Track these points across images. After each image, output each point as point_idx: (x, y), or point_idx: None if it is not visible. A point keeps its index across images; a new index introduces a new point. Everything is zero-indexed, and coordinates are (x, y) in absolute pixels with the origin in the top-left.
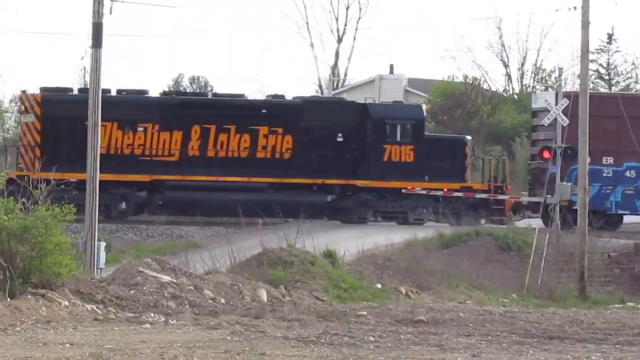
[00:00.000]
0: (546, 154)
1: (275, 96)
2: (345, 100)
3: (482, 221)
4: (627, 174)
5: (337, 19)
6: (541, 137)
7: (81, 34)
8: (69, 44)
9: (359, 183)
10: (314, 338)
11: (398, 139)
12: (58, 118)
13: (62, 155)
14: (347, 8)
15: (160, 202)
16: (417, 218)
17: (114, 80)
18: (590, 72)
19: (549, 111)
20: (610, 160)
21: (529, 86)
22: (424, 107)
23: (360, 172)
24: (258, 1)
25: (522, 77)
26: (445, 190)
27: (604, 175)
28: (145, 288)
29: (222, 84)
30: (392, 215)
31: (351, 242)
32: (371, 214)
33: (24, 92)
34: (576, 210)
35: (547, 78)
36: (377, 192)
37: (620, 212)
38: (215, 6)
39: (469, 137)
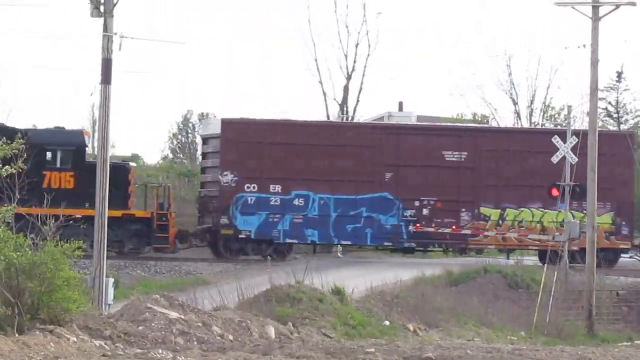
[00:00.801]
0: (555, 192)
1: None
2: None
3: (146, 249)
4: (296, 202)
5: (346, 56)
6: (209, 165)
7: (91, 70)
8: (79, 80)
9: (23, 210)
10: None
11: (58, 165)
12: None
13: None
14: (357, 45)
15: None
16: None
17: (123, 116)
18: (599, 110)
19: (217, 137)
20: (279, 188)
21: (538, 123)
22: (87, 133)
23: (24, 199)
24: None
25: (531, 115)
26: None
27: (272, 203)
28: (153, 324)
29: None
30: None
31: (359, 279)
32: None
33: None
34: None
35: (556, 116)
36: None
37: (288, 240)
38: (224, 42)
39: (133, 164)
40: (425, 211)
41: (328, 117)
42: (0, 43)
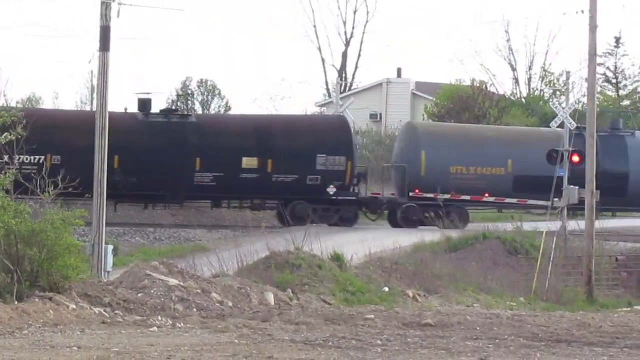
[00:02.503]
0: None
1: None
2: None
3: None
4: None
5: (344, 23)
6: None
7: (89, 37)
8: (77, 47)
9: None
10: (322, 341)
11: None
12: None
13: None
14: (355, 11)
15: None
16: None
17: (121, 84)
18: (598, 76)
19: None
20: None
21: (537, 89)
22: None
23: None
24: (265, 4)
25: (529, 81)
26: None
27: None
28: (152, 291)
29: (230, 88)
30: None
31: (358, 245)
32: None
33: None
34: None
35: (554, 81)
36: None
37: None
38: (223, 9)
39: None
40: None
41: (327, 83)
42: None
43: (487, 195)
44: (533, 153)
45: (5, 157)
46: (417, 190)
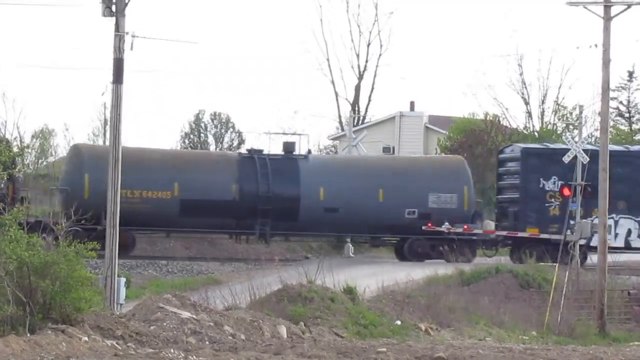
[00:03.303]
0: (566, 192)
1: None
2: None
3: None
4: None
5: (358, 56)
6: None
7: (102, 69)
8: (90, 80)
9: None
10: None
11: None
12: None
13: None
14: (368, 45)
15: None
16: None
17: (134, 116)
18: (611, 110)
19: None
20: None
21: (550, 123)
22: None
23: None
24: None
25: (542, 114)
26: None
27: None
28: (165, 324)
29: (244, 120)
30: None
31: (371, 278)
32: None
33: None
34: None
35: (567, 115)
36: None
37: None
38: (236, 42)
39: None
40: None
41: (340, 116)
42: (10, 42)
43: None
44: (201, 177)
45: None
46: None
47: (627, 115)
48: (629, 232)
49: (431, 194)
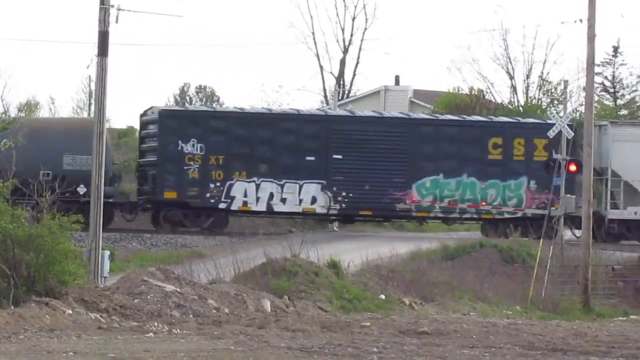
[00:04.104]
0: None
1: None
2: None
3: None
4: None
5: (343, 30)
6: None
7: (87, 43)
8: (74, 52)
9: None
10: (318, 348)
11: None
12: None
13: None
14: (353, 19)
15: None
16: None
17: (119, 89)
18: (596, 85)
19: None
20: None
21: (535, 98)
22: None
23: None
24: (264, 11)
25: (527, 89)
26: None
27: None
28: (149, 297)
29: (228, 94)
30: None
31: (355, 252)
32: None
33: None
34: None
35: (552, 90)
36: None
37: None
38: (222, 15)
39: None
40: None
41: (325, 90)
42: None
43: None
44: None
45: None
46: None
47: (612, 90)
48: (271, 195)
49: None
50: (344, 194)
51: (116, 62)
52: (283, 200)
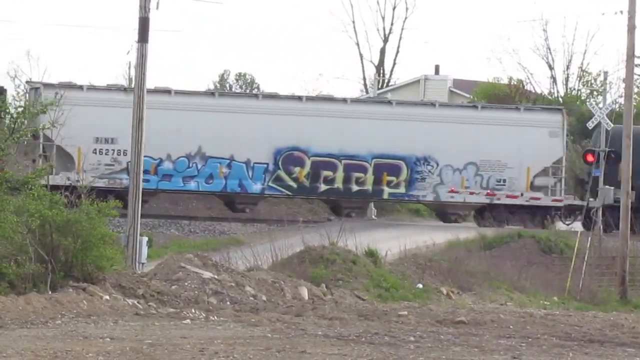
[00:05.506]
0: (590, 157)
1: None
2: None
3: None
4: None
5: (383, 19)
6: None
7: (128, 28)
8: (116, 38)
9: None
10: (355, 337)
11: None
12: None
13: None
14: (394, 8)
15: None
16: None
17: (159, 76)
18: (635, 77)
19: None
20: None
21: (574, 89)
22: None
23: None
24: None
25: (567, 80)
26: None
27: None
28: (186, 284)
29: (268, 81)
30: None
31: (393, 241)
32: None
33: None
34: None
35: (592, 81)
36: None
37: None
38: (262, 3)
39: None
40: None
41: (364, 79)
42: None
43: None
44: None
45: None
46: None
47: None
48: None
49: None
50: None
51: (156, 49)
52: None
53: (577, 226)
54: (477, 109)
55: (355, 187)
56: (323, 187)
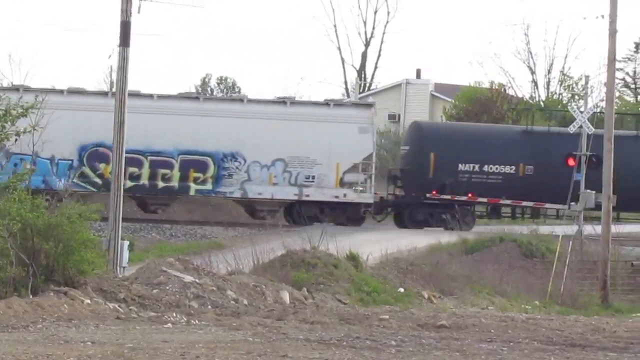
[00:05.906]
0: (571, 162)
1: None
2: None
3: None
4: None
5: (365, 23)
6: None
7: (109, 32)
8: (97, 42)
9: None
10: (336, 341)
11: None
12: None
13: None
14: (375, 12)
15: None
16: None
17: (140, 80)
18: (617, 81)
19: None
20: None
21: (556, 93)
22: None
23: None
24: (287, 3)
25: (548, 84)
26: None
27: None
28: (168, 288)
29: (250, 85)
30: None
31: (375, 245)
32: None
33: None
34: None
35: (573, 85)
36: None
37: None
38: (243, 7)
39: None
40: None
41: (346, 83)
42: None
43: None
44: None
45: None
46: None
47: (633, 86)
48: None
49: None
50: None
51: (138, 53)
52: None
53: (559, 230)
54: (287, 105)
55: (161, 184)
56: (129, 183)
